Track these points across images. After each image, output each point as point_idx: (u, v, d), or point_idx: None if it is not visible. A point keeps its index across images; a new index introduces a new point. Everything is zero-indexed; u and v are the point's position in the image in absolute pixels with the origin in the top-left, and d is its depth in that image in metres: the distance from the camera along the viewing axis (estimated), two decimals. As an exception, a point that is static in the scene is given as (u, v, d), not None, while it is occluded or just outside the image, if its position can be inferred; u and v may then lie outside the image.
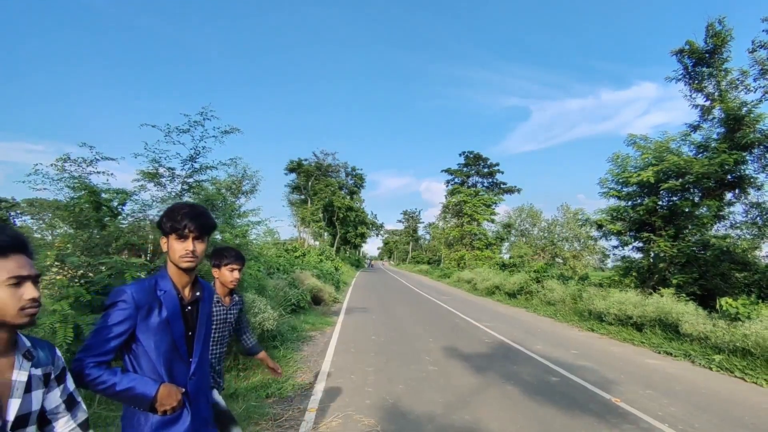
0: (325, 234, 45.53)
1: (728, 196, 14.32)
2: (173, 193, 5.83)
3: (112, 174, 5.56)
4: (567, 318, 12.44)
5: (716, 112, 14.73)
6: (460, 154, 46.80)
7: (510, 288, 18.42)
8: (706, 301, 11.38)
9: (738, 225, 13.20)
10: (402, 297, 18.32)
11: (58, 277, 5.12)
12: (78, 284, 4.76)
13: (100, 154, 5.45)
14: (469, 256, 38.50)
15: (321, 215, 42.36)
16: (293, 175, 45.73)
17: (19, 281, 1.15)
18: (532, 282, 17.34)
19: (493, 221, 41.91)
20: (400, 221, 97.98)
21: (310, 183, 43.03)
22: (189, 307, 1.70)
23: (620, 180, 15.06)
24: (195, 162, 5.97)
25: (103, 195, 5.40)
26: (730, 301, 8.67)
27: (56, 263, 4.70)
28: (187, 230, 1.59)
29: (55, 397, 1.32)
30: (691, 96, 15.74)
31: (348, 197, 48.32)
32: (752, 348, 6.84)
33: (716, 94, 14.70)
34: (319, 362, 6.55)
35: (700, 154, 14.12)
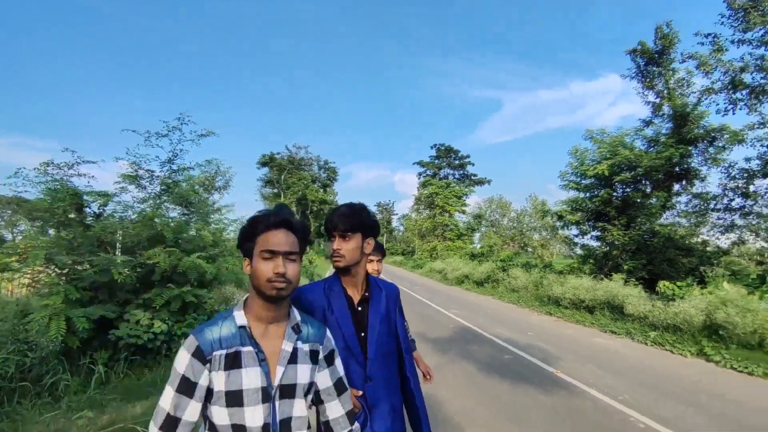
0: (299, 227, 45.65)
1: (676, 187, 15.46)
2: (153, 194, 6.18)
3: (93, 177, 5.86)
4: (528, 303, 13.29)
5: (665, 109, 15.75)
6: (431, 147, 47.63)
7: (478, 277, 19.28)
8: (654, 284, 12.37)
9: (683, 213, 14.22)
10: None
11: (42, 275, 5.45)
12: (65, 281, 5.11)
13: (81, 157, 5.75)
14: (441, 247, 39.42)
15: (294, 209, 42.49)
16: (265, 169, 45.63)
17: (271, 255, 1.22)
18: (499, 271, 18.22)
19: (464, 212, 42.95)
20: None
21: (282, 177, 43.06)
22: (360, 308, 1.68)
23: (579, 173, 15.96)
24: (173, 164, 6.34)
25: (86, 197, 5.72)
26: (667, 284, 9.60)
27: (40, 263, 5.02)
28: (331, 229, 1.63)
29: (325, 378, 1.39)
30: (643, 93, 16.74)
31: (321, 190, 48.51)
32: (681, 324, 7.73)
33: (665, 92, 15.72)
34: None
35: (652, 148, 15.10)
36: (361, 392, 1.57)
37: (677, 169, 14.57)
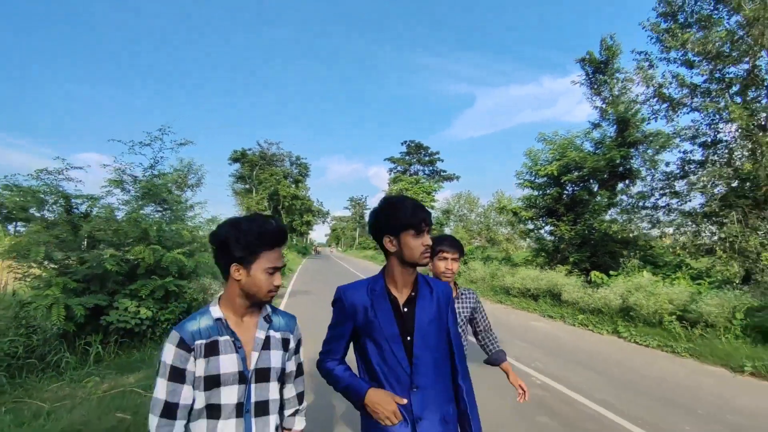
0: (271, 222, 46.04)
1: (620, 185, 16.94)
2: (135, 197, 6.90)
3: (80, 181, 6.54)
4: (484, 293, 14.46)
5: (610, 114, 17.17)
6: (402, 143, 48.77)
7: (442, 269, 20.41)
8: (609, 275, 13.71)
9: (621, 210, 15.65)
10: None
11: (35, 269, 6.14)
12: (57, 274, 5.81)
13: (70, 164, 6.42)
14: (410, 241, 40.51)
15: (266, 204, 42.82)
16: (237, 165, 45.69)
17: (274, 271, 1.39)
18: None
19: (432, 207, 44.16)
20: (347, 208, 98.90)
21: (254, 173, 43.26)
22: (405, 309, 1.58)
23: (533, 172, 17.27)
24: (154, 169, 7.08)
25: (74, 200, 6.40)
26: (597, 273, 10.89)
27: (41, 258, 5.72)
28: (424, 224, 1.52)
29: (292, 364, 1.56)
30: (592, 98, 18.12)
31: (293, 186, 48.91)
32: (602, 307, 8.98)
33: (609, 98, 17.14)
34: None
35: (598, 150, 16.51)
36: (405, 400, 1.48)
37: (621, 169, 16.00)
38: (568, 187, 16.59)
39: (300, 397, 1.63)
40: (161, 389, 1.30)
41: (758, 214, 9.46)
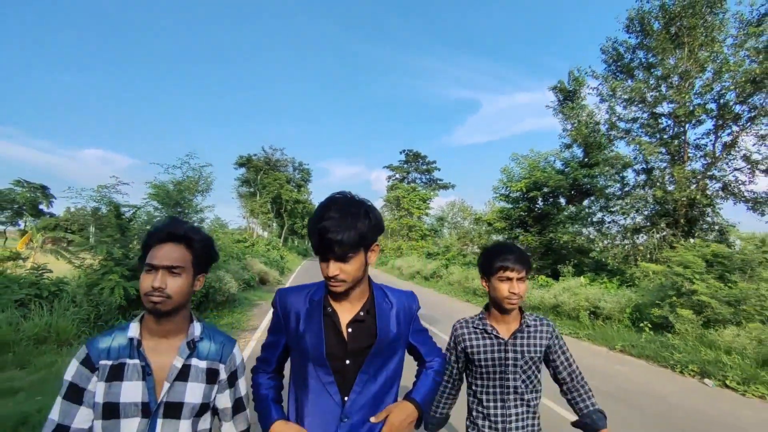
0: (274, 224, 48.43)
1: (586, 201, 18.95)
2: (168, 205, 9.00)
3: (126, 194, 8.64)
4: (458, 295, 16.47)
5: (577, 137, 19.20)
6: (400, 152, 50.96)
7: (427, 273, 22.47)
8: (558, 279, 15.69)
9: (579, 223, 17.64)
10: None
11: (89, 260, 8.21)
12: (115, 264, 7.88)
13: (121, 180, 8.54)
14: (405, 246, 42.59)
15: (269, 207, 45.03)
16: (242, 169, 48.00)
17: (150, 269, 1.21)
18: (442, 267, 21.44)
19: (427, 215, 46.25)
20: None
21: (259, 177, 45.49)
22: (350, 329, 1.30)
23: (507, 188, 19.32)
24: (182, 185, 9.20)
25: (123, 209, 8.51)
26: (543, 277, 12.89)
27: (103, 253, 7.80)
28: (326, 251, 1.22)
29: (225, 399, 1.34)
30: (563, 122, 20.17)
31: (295, 190, 51.12)
32: (539, 305, 10.99)
33: (576, 123, 19.18)
34: (262, 317, 9.94)
35: (567, 168, 18.54)
36: None
37: (587, 186, 18.03)
38: (539, 202, 18.62)
39: None
40: (56, 409, 1.18)
41: (673, 232, 11.44)
